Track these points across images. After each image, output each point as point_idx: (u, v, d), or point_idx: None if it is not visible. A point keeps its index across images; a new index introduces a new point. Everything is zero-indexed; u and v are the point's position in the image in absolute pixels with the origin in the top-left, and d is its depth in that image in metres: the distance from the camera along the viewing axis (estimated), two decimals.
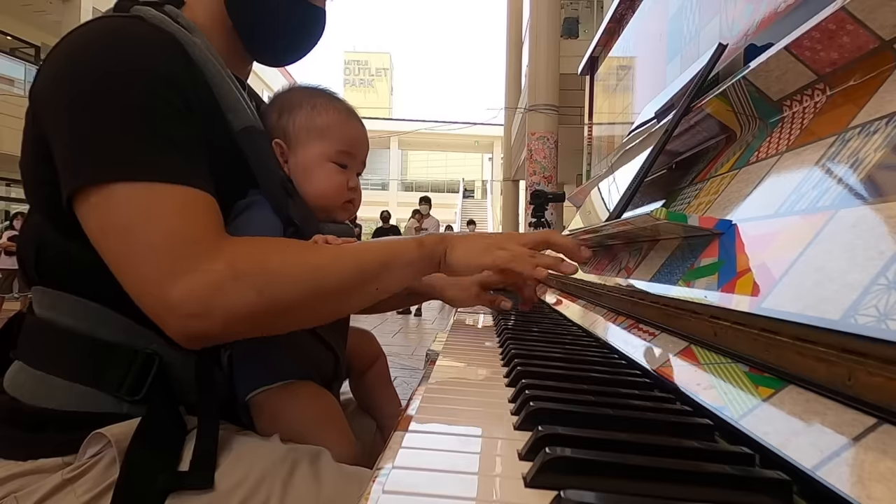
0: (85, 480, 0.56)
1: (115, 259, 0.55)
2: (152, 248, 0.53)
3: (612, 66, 1.78)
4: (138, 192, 0.54)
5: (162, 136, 0.56)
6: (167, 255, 0.53)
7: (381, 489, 0.29)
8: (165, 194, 0.55)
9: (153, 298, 0.54)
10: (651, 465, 0.30)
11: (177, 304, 0.53)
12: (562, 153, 7.23)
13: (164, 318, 0.54)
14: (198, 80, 0.63)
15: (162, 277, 0.53)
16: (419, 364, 3.74)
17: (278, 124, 0.73)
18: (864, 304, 0.29)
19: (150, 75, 0.57)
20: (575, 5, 10.19)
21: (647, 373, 0.52)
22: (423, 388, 0.48)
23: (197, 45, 0.63)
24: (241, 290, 0.54)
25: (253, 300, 0.55)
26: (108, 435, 0.56)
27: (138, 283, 0.55)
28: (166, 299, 0.53)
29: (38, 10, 11.04)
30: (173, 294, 0.53)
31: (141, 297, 0.55)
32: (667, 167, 0.92)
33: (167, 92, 0.58)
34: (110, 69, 0.56)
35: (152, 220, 0.54)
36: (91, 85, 0.56)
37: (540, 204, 3.61)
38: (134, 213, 0.54)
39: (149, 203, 0.54)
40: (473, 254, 0.67)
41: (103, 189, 0.54)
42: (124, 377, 0.60)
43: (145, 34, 0.60)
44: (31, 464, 0.58)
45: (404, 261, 0.65)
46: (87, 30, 0.59)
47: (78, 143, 0.56)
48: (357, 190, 0.76)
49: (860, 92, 0.44)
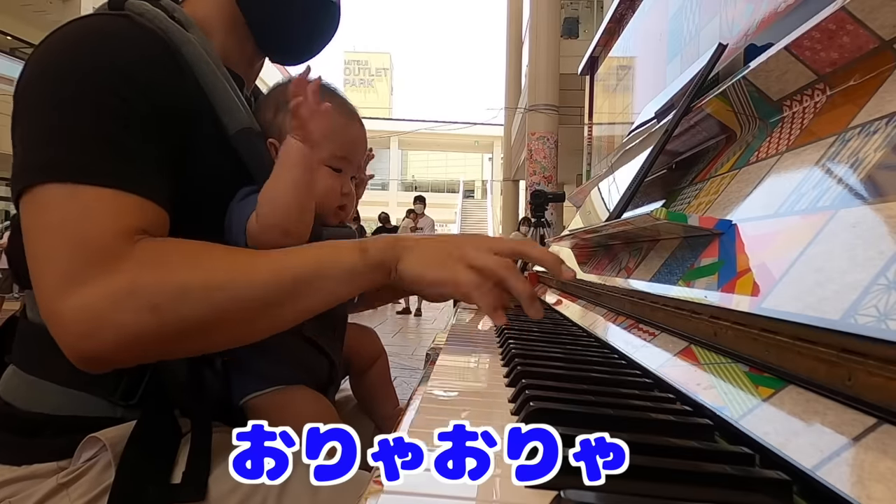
0: (80, 485, 0.55)
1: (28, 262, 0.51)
2: (53, 254, 0.49)
3: (612, 66, 1.78)
4: (59, 194, 0.50)
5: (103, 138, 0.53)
6: (67, 263, 0.49)
7: (381, 489, 0.29)
8: (83, 196, 0.50)
9: (46, 309, 0.50)
10: (651, 465, 0.30)
11: (65, 320, 0.49)
12: (562, 153, 7.23)
13: (56, 333, 0.50)
14: (186, 80, 0.60)
15: (57, 287, 0.49)
16: (419, 364, 3.74)
17: (273, 122, 0.69)
18: (864, 304, 0.29)
19: (108, 73, 0.54)
20: (575, 5, 10.19)
21: (647, 373, 0.52)
22: (422, 388, 0.48)
23: (191, 42, 0.60)
24: (134, 307, 0.49)
25: (146, 320, 0.49)
26: (103, 439, 0.55)
27: (37, 291, 0.50)
28: (56, 313, 0.49)
29: (38, 10, 11.05)
30: (63, 308, 0.48)
31: (40, 306, 0.50)
32: (667, 167, 0.92)
33: (126, 90, 0.54)
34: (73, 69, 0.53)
35: (60, 223, 0.50)
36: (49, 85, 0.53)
37: (540, 204, 3.61)
38: (47, 215, 0.50)
39: (63, 205, 0.50)
40: (430, 264, 0.57)
41: (34, 191, 0.51)
42: (118, 382, 0.58)
43: (124, 34, 0.57)
44: (26, 469, 0.57)
45: (342, 270, 0.56)
46: (67, 29, 0.57)
47: (26, 145, 0.53)
48: (350, 195, 0.73)
49: (860, 92, 0.44)
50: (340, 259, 0.57)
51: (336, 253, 0.57)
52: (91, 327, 0.48)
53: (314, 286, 0.55)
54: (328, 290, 0.56)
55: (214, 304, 0.52)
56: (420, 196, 7.76)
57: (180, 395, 0.61)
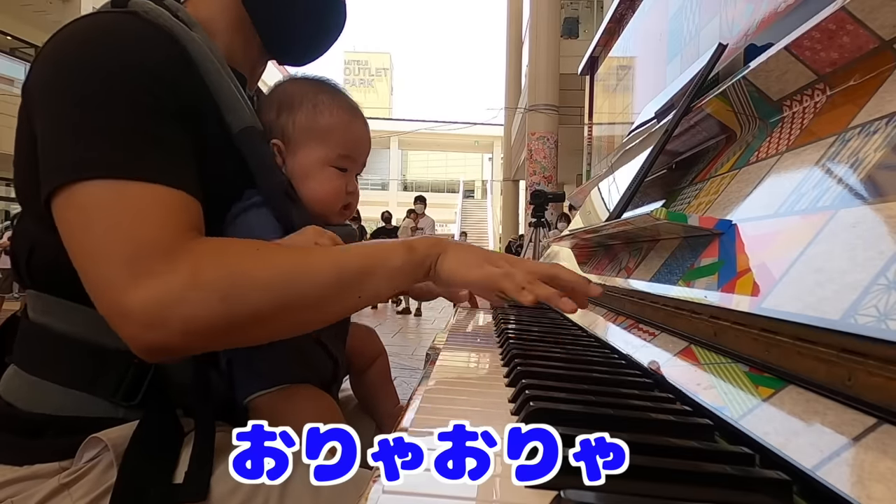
0: (81, 485, 0.55)
1: (77, 259, 0.52)
2: (112, 249, 0.50)
3: (612, 66, 1.78)
4: (106, 190, 0.51)
5: (143, 134, 0.53)
6: (127, 258, 0.50)
7: (380, 489, 0.29)
8: (134, 193, 0.51)
9: (109, 304, 0.51)
10: (651, 465, 0.30)
11: (133, 313, 0.49)
12: (562, 153, 7.23)
13: (120, 326, 0.50)
14: (195, 77, 0.60)
15: (120, 282, 0.49)
16: (419, 364, 3.74)
17: (277, 122, 0.70)
18: (864, 304, 0.29)
19: (138, 72, 0.54)
20: (575, 5, 10.19)
21: (647, 373, 0.52)
22: (422, 387, 0.48)
23: (196, 41, 0.61)
24: (203, 299, 0.50)
25: (216, 309, 0.50)
26: (105, 439, 0.55)
27: (96, 286, 0.51)
28: (122, 306, 0.49)
29: (38, 10, 11.04)
30: (130, 301, 0.49)
31: (99, 301, 0.51)
32: (667, 167, 0.92)
33: (157, 89, 0.55)
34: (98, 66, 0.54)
35: (116, 220, 0.51)
36: (75, 83, 0.53)
37: (540, 204, 3.61)
38: (99, 212, 0.51)
39: (115, 201, 0.51)
40: (467, 264, 0.60)
41: (74, 188, 0.51)
42: (120, 383, 0.58)
43: (138, 30, 0.57)
44: (28, 469, 0.57)
45: (391, 267, 0.58)
46: (78, 26, 0.57)
47: (55, 143, 0.53)
48: (355, 194, 0.73)
49: (860, 92, 0.44)
50: (391, 257, 0.59)
51: (387, 251, 0.59)
52: (159, 318, 0.49)
53: (367, 281, 0.57)
54: (378, 286, 0.58)
55: (276, 295, 0.53)
56: (420, 196, 7.76)
57: (183, 395, 0.61)
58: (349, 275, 0.56)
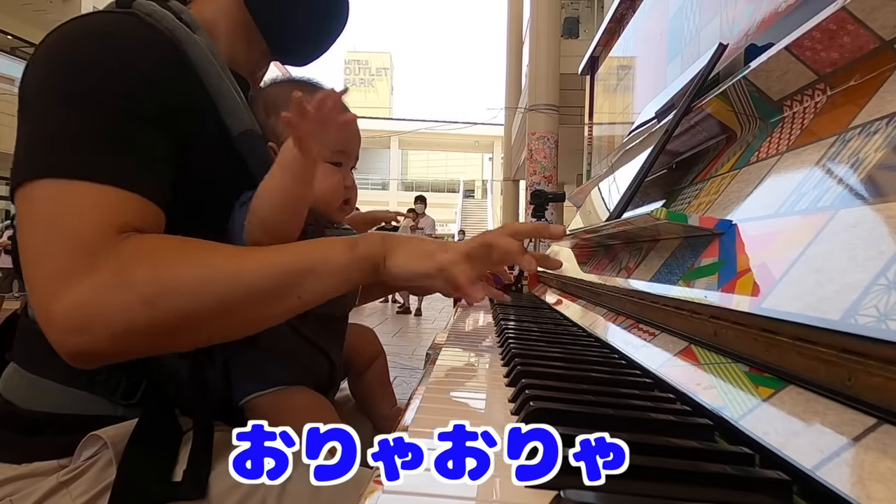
0: (81, 482, 0.56)
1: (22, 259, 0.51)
2: (48, 250, 0.49)
3: (613, 66, 1.78)
4: (51, 190, 0.51)
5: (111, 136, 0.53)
6: (55, 262, 0.49)
7: (380, 489, 0.29)
8: (76, 192, 0.51)
9: (37, 309, 0.50)
10: (651, 465, 0.30)
11: (57, 318, 0.48)
12: (562, 153, 7.22)
13: (48, 332, 0.49)
14: (191, 79, 0.60)
15: (45, 286, 0.49)
16: (419, 364, 3.74)
17: (267, 124, 0.70)
18: (864, 305, 0.29)
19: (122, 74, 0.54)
20: (575, 5, 10.18)
21: (647, 373, 0.52)
22: (422, 387, 0.48)
23: (197, 44, 0.61)
24: (125, 301, 0.49)
25: (138, 312, 0.49)
26: (104, 437, 0.55)
27: (30, 290, 0.50)
28: (49, 312, 0.49)
29: (38, 9, 11.05)
30: (55, 306, 0.48)
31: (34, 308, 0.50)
32: (667, 167, 0.92)
33: (139, 92, 0.55)
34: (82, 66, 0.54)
35: (52, 221, 0.50)
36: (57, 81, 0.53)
37: (540, 204, 3.60)
38: (39, 211, 0.50)
39: (54, 201, 0.50)
40: (415, 257, 0.59)
41: (30, 185, 0.51)
42: (119, 382, 0.59)
43: (132, 32, 0.57)
44: (27, 467, 0.57)
45: (332, 266, 0.57)
46: (72, 26, 0.57)
47: (25, 140, 0.53)
48: (353, 188, 0.73)
49: (860, 92, 0.44)
50: (331, 255, 0.57)
51: (327, 249, 0.58)
52: (82, 323, 0.48)
53: (305, 281, 0.56)
54: (320, 285, 0.57)
55: (205, 298, 0.52)
56: (421, 196, 7.76)
57: (181, 393, 0.61)
58: (285, 275, 0.55)
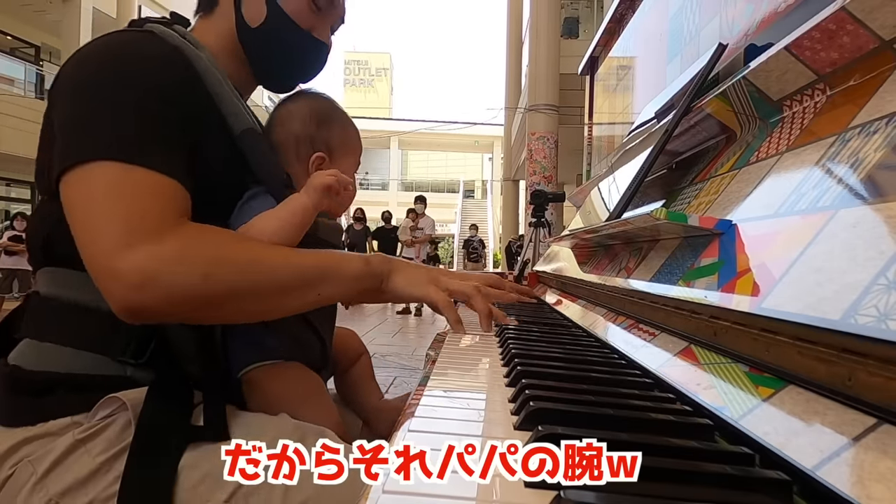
0: (99, 441, 0.59)
1: (78, 227, 0.58)
2: (111, 220, 0.56)
3: (613, 66, 1.78)
4: (112, 170, 0.58)
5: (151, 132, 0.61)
6: (123, 228, 0.56)
7: (381, 489, 0.29)
8: (137, 176, 0.58)
9: (101, 266, 0.56)
10: (651, 465, 0.30)
11: (122, 274, 0.55)
12: (562, 153, 7.22)
13: (108, 286, 0.56)
14: (199, 88, 0.68)
15: (113, 247, 0.55)
16: (419, 364, 3.74)
17: (318, 134, 0.79)
18: (864, 304, 0.29)
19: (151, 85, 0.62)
20: (575, 5, 10.19)
21: (647, 373, 0.52)
22: (423, 388, 0.48)
23: (202, 59, 0.69)
24: (187, 272, 0.57)
25: (196, 283, 0.57)
26: (124, 398, 0.59)
27: (91, 251, 0.57)
28: (113, 267, 0.55)
29: (38, 10, 11.03)
30: (120, 264, 0.55)
31: (92, 264, 0.57)
32: (667, 167, 0.92)
33: (166, 99, 0.63)
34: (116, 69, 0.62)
35: (118, 196, 0.57)
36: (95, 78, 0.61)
37: (540, 204, 3.60)
38: (103, 188, 0.57)
39: (120, 180, 0.58)
40: (413, 283, 0.72)
41: (84, 166, 0.58)
42: (128, 343, 0.64)
43: (153, 47, 0.66)
44: (41, 427, 0.61)
45: (348, 274, 0.68)
46: (103, 40, 0.66)
47: (71, 127, 0.60)
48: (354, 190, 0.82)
49: (860, 92, 0.44)
50: (350, 264, 0.69)
51: (348, 259, 0.69)
52: (144, 281, 0.55)
53: (327, 281, 0.66)
54: (337, 287, 0.67)
55: (252, 278, 0.61)
56: (421, 196, 7.76)
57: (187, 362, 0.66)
58: (312, 272, 0.66)
